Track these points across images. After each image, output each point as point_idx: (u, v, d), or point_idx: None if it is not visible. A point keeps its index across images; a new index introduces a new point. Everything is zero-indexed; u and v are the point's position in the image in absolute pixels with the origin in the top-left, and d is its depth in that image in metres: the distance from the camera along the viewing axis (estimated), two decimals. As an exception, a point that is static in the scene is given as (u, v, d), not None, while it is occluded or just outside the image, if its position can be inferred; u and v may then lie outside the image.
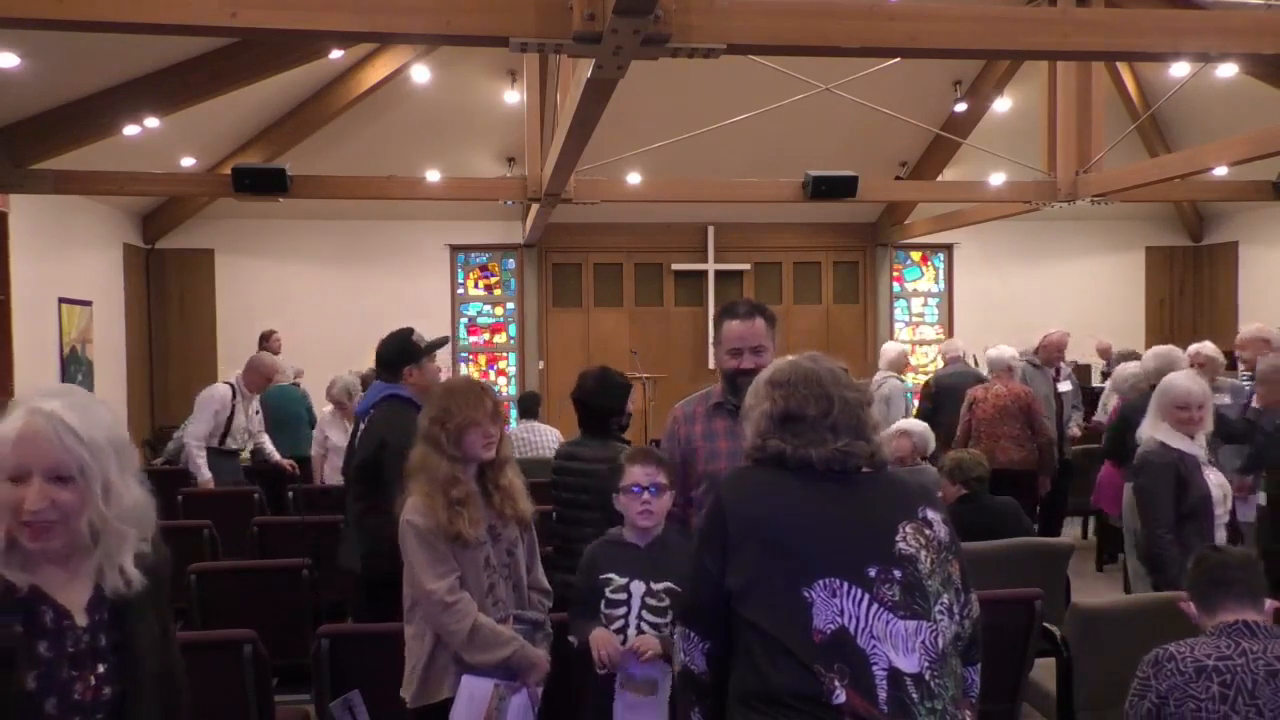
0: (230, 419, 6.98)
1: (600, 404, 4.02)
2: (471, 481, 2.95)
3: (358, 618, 4.17)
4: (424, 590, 2.81)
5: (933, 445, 5.76)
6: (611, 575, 2.98)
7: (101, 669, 1.66)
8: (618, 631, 2.92)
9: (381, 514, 3.84)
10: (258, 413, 7.31)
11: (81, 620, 1.66)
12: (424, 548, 2.83)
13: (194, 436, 6.84)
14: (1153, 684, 2.65)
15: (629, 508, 3.01)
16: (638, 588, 2.94)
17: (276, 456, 7.36)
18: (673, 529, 3.05)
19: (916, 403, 8.20)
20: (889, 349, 8.35)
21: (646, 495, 2.96)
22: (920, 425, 5.80)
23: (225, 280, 12.17)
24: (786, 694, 1.88)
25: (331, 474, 6.92)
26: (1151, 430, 4.18)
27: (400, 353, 4.14)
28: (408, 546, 2.86)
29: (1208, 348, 6.29)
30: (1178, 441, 4.10)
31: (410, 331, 4.23)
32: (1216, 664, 2.61)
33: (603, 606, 2.96)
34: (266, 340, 10.03)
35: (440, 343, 4.29)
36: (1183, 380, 4.22)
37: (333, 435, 7.06)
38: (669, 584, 2.89)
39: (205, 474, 6.70)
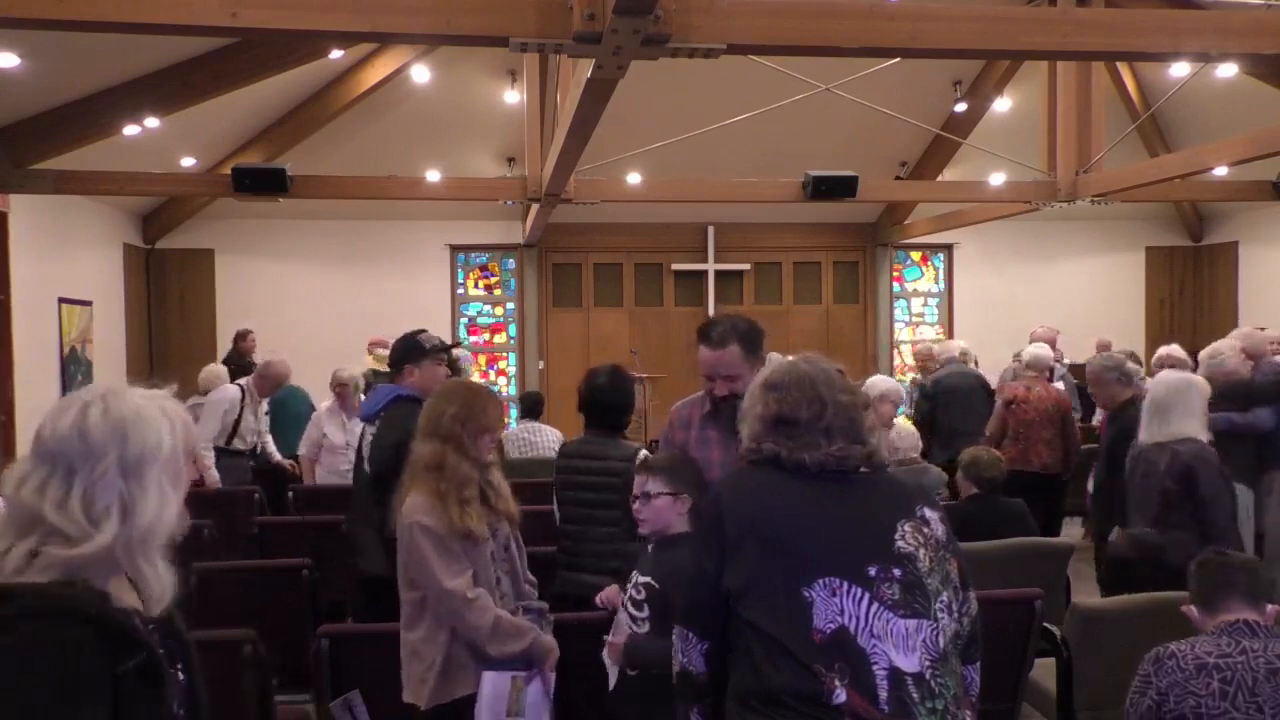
0: (238, 420, 6.98)
1: (614, 401, 3.98)
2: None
3: (358, 618, 4.17)
4: (443, 590, 2.82)
5: (905, 396, 5.76)
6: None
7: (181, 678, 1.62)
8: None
9: None
10: (267, 413, 7.30)
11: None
12: (437, 548, 2.84)
13: (201, 437, 6.82)
14: (1153, 681, 2.65)
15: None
16: (635, 578, 3.00)
17: (278, 457, 7.35)
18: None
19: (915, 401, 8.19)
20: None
21: (637, 504, 3.01)
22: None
23: (225, 280, 12.16)
24: (786, 694, 1.88)
25: (326, 474, 6.87)
26: (1195, 430, 4.00)
27: (405, 351, 4.14)
28: (417, 549, 2.86)
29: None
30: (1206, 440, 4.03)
31: (420, 331, 4.23)
32: (1217, 661, 2.61)
33: None
34: (242, 340, 9.96)
35: (446, 346, 4.28)
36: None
37: (330, 432, 6.95)
38: (648, 579, 2.90)
39: (213, 474, 6.70)
